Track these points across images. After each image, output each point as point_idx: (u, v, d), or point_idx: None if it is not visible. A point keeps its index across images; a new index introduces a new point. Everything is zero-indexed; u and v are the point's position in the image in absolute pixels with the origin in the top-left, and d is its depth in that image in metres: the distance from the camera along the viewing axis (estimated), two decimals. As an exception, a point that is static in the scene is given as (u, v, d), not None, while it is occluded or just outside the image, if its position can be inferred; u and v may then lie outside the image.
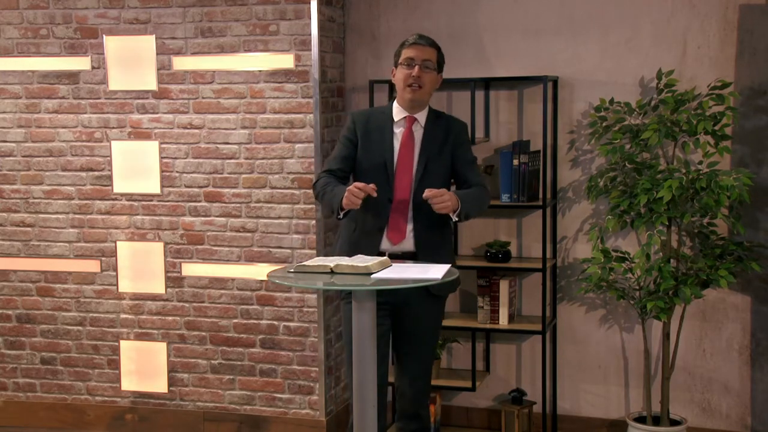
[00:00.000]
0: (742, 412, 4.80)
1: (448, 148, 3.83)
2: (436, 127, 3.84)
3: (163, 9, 4.94)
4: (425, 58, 3.76)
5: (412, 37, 3.81)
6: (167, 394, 5.18)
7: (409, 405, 3.88)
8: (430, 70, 3.78)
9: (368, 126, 3.86)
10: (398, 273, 3.28)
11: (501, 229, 5.02)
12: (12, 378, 5.34)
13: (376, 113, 3.94)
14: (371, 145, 3.83)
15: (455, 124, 3.91)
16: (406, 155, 3.79)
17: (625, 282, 4.69)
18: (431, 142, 3.81)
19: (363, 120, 3.89)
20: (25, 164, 5.20)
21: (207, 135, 4.97)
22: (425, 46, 3.78)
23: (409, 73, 3.75)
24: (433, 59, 3.79)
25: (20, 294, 5.27)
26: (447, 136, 3.84)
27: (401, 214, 3.76)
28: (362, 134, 3.85)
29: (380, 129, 3.84)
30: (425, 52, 3.77)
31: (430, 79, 3.79)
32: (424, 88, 3.78)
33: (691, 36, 4.68)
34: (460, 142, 3.87)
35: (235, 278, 5.02)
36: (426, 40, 3.80)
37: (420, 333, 3.83)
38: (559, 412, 5.02)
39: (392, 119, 3.85)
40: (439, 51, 3.83)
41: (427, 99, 3.84)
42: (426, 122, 3.84)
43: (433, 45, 3.81)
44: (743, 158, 4.66)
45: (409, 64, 3.76)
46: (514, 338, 5.07)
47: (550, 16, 4.86)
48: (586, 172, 4.89)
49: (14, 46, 5.14)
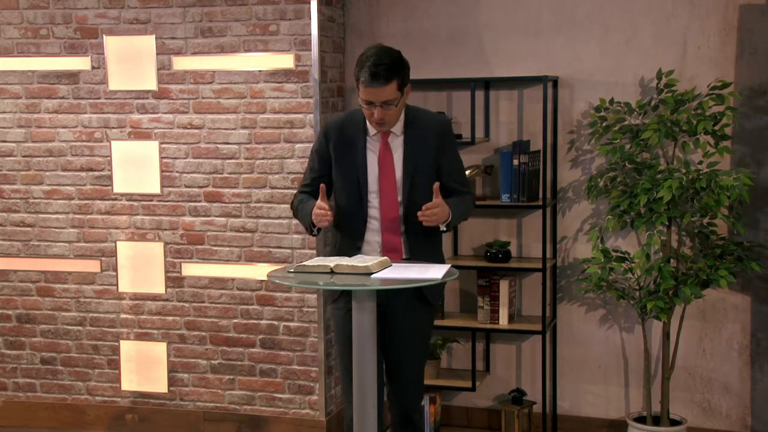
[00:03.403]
0: (742, 412, 4.80)
1: (432, 153, 3.58)
2: (416, 134, 3.58)
3: (163, 9, 4.94)
4: (384, 100, 3.42)
5: (365, 75, 3.39)
6: (167, 394, 5.18)
7: (402, 410, 3.75)
8: (392, 105, 3.45)
9: (341, 139, 3.60)
10: (398, 273, 3.27)
11: (501, 229, 5.02)
12: (12, 378, 5.34)
13: (349, 123, 3.63)
14: (345, 161, 3.60)
15: (438, 126, 3.64)
16: (386, 170, 3.57)
17: (625, 282, 4.69)
18: (413, 152, 3.57)
19: (336, 132, 3.62)
20: (25, 164, 5.20)
21: (207, 135, 4.97)
22: (382, 87, 3.39)
23: (370, 113, 3.47)
24: (393, 95, 3.43)
25: (20, 294, 5.28)
26: (430, 142, 3.58)
27: (393, 233, 3.59)
28: (335, 148, 3.62)
29: (353, 143, 3.59)
30: (383, 93, 3.41)
31: (396, 111, 3.49)
32: (390, 121, 3.51)
33: (691, 36, 4.68)
34: (444, 148, 3.61)
35: (235, 278, 5.02)
36: (381, 78, 3.38)
37: (410, 338, 3.68)
38: (559, 412, 5.02)
39: (365, 130, 3.59)
40: (399, 77, 3.43)
41: (396, 121, 3.56)
42: (404, 129, 3.59)
43: (390, 79, 3.40)
44: (743, 158, 4.66)
45: (369, 106, 3.46)
46: (514, 338, 5.07)
47: (550, 16, 4.86)
48: (586, 172, 4.89)
49: (14, 46, 5.14)
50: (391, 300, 3.57)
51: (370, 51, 3.46)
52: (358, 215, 3.60)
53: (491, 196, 4.98)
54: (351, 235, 3.62)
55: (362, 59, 3.44)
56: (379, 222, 3.60)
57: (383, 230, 3.59)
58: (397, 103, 3.47)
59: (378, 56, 3.41)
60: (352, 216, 3.60)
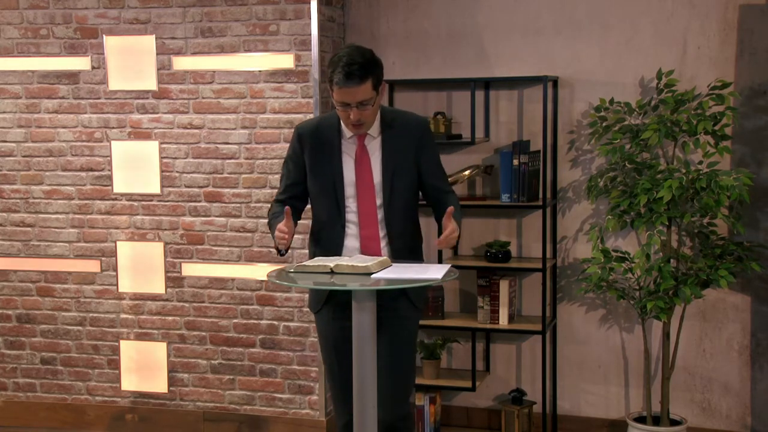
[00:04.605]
0: (742, 412, 4.80)
1: (411, 154, 3.49)
2: (393, 135, 3.49)
3: (163, 9, 4.94)
4: (359, 100, 3.33)
5: (339, 76, 3.30)
6: (167, 394, 5.18)
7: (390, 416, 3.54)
8: (368, 105, 3.36)
9: (315, 144, 3.50)
10: (398, 273, 3.25)
11: (501, 229, 5.02)
12: (12, 378, 5.34)
13: (324, 125, 3.53)
14: (320, 167, 3.49)
15: (416, 126, 3.54)
16: (364, 174, 3.47)
17: (625, 282, 4.69)
18: (392, 153, 3.48)
19: (309, 136, 3.52)
20: (25, 164, 5.20)
21: (207, 135, 4.97)
22: (356, 87, 3.30)
23: (346, 114, 3.37)
24: (369, 95, 3.34)
25: (20, 294, 5.28)
26: (409, 142, 3.49)
27: (373, 238, 3.49)
28: (310, 153, 3.52)
29: (328, 146, 3.49)
30: (358, 93, 3.31)
31: (372, 111, 3.40)
32: (367, 122, 3.42)
33: (691, 36, 4.68)
34: (422, 145, 3.51)
35: (235, 278, 5.02)
36: (355, 77, 3.29)
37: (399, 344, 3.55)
38: (559, 412, 5.02)
39: (340, 133, 3.50)
40: (373, 75, 3.35)
41: (373, 122, 3.47)
42: (381, 131, 3.49)
43: (365, 78, 3.31)
44: (743, 158, 4.66)
45: (344, 107, 3.36)
46: (514, 338, 5.07)
47: (550, 16, 4.86)
48: (586, 172, 4.89)
49: (14, 46, 5.14)
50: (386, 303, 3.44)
51: (343, 51, 3.37)
52: (336, 221, 3.50)
53: (491, 196, 4.98)
54: (330, 241, 3.53)
55: (334, 60, 3.34)
56: (358, 227, 3.50)
57: (362, 236, 3.49)
58: (373, 102, 3.37)
59: (350, 56, 3.32)
60: (330, 222, 3.52)
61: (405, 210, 3.54)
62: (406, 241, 3.56)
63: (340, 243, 3.51)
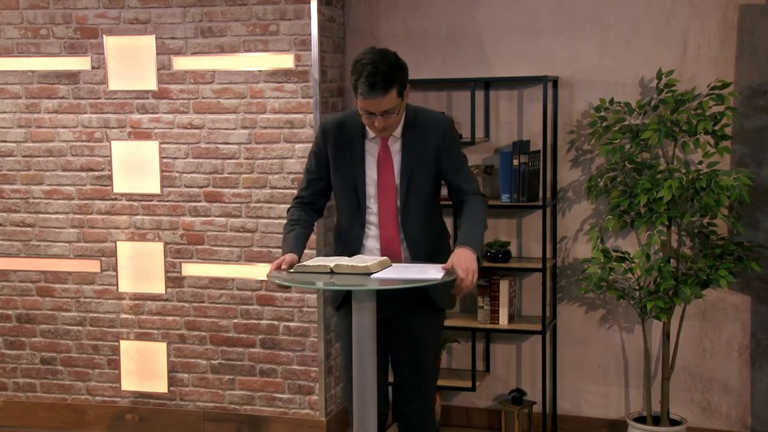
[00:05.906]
0: (742, 412, 4.80)
1: (431, 154, 3.44)
2: (415, 135, 3.44)
3: (163, 9, 4.94)
4: (384, 109, 3.29)
5: (363, 87, 3.24)
6: (167, 394, 5.18)
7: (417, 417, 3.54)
8: (393, 114, 3.32)
9: (339, 141, 3.47)
10: (398, 273, 3.25)
11: (501, 229, 5.02)
12: (12, 378, 5.34)
13: (348, 123, 3.48)
14: (343, 165, 3.47)
15: (437, 125, 3.48)
16: (385, 175, 3.44)
17: (625, 282, 4.69)
18: (411, 154, 3.43)
19: (333, 133, 3.49)
20: (25, 164, 5.20)
21: (207, 135, 4.97)
22: (381, 98, 3.25)
23: (371, 122, 3.34)
24: (393, 103, 3.29)
25: (20, 294, 5.28)
26: (429, 142, 3.44)
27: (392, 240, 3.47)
28: (333, 150, 3.49)
29: (351, 145, 3.46)
30: (383, 103, 3.27)
31: (396, 117, 3.36)
32: (392, 128, 3.39)
33: (691, 36, 4.68)
34: (446, 145, 3.45)
35: (235, 278, 5.02)
36: (380, 88, 3.24)
37: (419, 351, 3.52)
38: (559, 412, 5.02)
39: (364, 133, 3.46)
40: (398, 82, 3.29)
41: (398, 125, 3.43)
42: (403, 131, 3.45)
43: (389, 87, 3.25)
44: (743, 158, 4.66)
45: (369, 116, 3.32)
46: (514, 338, 5.07)
47: (550, 16, 4.86)
48: (586, 172, 4.89)
49: (14, 46, 5.14)
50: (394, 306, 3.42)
51: (366, 58, 3.28)
52: (356, 220, 3.49)
53: (491, 196, 4.98)
54: (351, 240, 3.52)
55: (358, 67, 3.27)
56: (378, 228, 3.49)
57: (382, 237, 3.48)
58: (398, 110, 3.34)
59: (374, 65, 3.24)
60: (351, 221, 3.51)
61: (425, 211, 3.50)
62: (426, 242, 3.51)
63: (361, 243, 3.50)
